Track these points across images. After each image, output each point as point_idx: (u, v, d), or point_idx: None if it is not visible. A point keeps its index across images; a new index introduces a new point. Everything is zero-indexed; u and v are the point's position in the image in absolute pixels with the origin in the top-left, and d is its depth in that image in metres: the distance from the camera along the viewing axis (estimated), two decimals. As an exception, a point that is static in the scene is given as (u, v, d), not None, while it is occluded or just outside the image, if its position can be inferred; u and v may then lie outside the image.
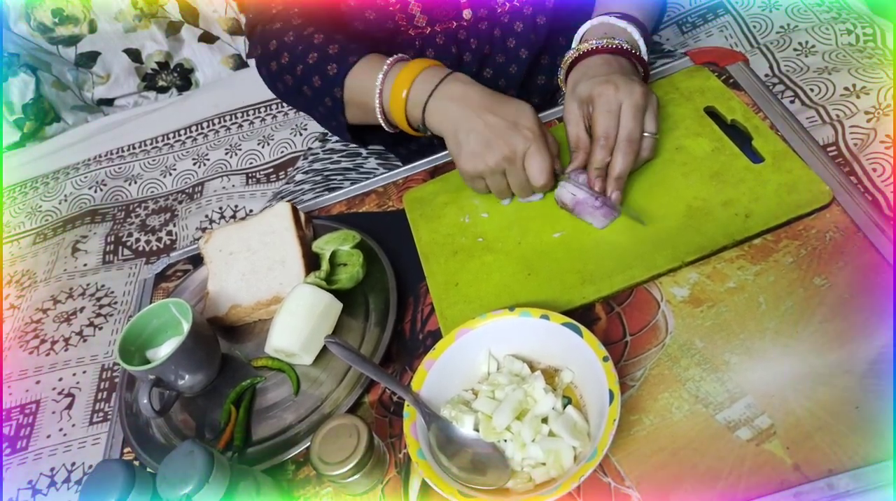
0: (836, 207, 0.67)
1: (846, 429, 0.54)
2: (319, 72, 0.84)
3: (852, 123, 1.07)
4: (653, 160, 0.75)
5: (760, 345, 0.60)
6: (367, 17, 0.90)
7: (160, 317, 0.73)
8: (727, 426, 0.56)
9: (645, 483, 0.55)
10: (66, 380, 1.28)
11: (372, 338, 0.72)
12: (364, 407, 0.68)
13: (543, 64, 0.99)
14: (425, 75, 0.76)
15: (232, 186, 1.63)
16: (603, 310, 0.67)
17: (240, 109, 1.81)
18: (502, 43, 0.94)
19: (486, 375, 0.63)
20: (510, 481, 0.56)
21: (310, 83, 0.85)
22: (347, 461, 0.58)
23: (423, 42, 0.93)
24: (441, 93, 0.74)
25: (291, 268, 0.78)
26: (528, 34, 0.94)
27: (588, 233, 0.72)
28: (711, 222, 0.68)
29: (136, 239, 1.57)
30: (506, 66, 0.97)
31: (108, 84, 1.92)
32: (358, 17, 0.90)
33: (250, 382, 0.73)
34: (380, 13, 0.89)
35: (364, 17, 0.90)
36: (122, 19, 1.82)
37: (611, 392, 0.55)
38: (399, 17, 0.89)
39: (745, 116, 0.76)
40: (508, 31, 0.93)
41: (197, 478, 0.53)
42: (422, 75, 0.76)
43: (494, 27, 0.93)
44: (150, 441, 0.72)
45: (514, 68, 0.97)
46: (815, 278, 0.62)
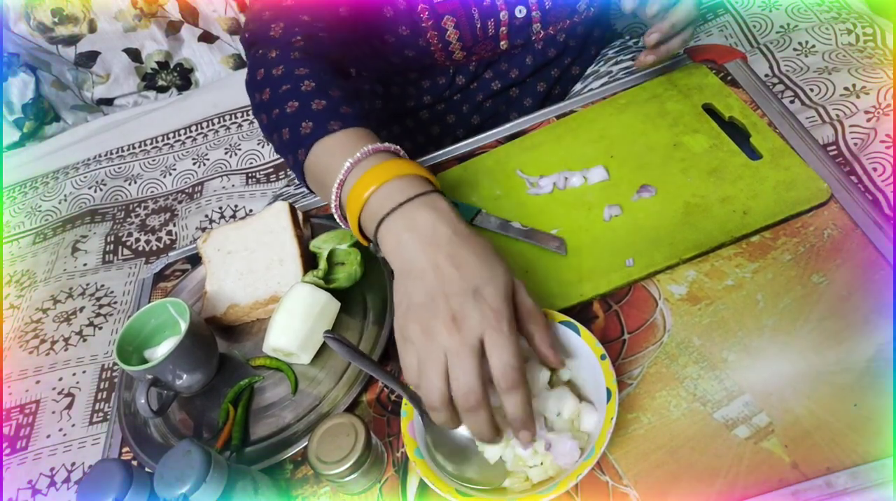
0: (834, 204, 0.66)
1: (844, 427, 0.53)
2: (291, 125, 0.69)
3: (852, 123, 1.07)
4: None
5: (758, 343, 0.60)
6: (406, 55, 0.89)
7: (158, 317, 0.73)
8: (725, 424, 0.56)
9: (643, 482, 0.55)
10: (66, 380, 1.28)
11: (370, 337, 0.72)
12: (362, 406, 0.68)
13: (575, 75, 1.01)
14: (399, 184, 0.60)
15: (232, 186, 1.63)
16: (601, 308, 0.67)
17: (240, 109, 1.81)
18: (532, 68, 0.95)
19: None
20: (507, 480, 0.56)
21: (279, 133, 0.71)
22: (345, 460, 0.58)
23: (456, 69, 0.94)
24: (403, 214, 0.58)
25: (289, 268, 0.78)
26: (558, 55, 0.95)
27: (585, 230, 0.72)
28: (709, 219, 0.68)
29: (136, 238, 1.57)
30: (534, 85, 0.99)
31: (107, 84, 1.92)
32: (396, 53, 0.89)
33: (248, 381, 0.73)
34: (420, 51, 0.88)
35: (403, 55, 0.89)
36: (121, 19, 1.82)
37: (608, 390, 0.55)
38: (438, 55, 0.89)
39: (744, 113, 0.76)
40: (541, 57, 0.94)
41: (194, 478, 0.53)
42: (395, 182, 0.60)
43: (527, 55, 0.93)
44: (148, 441, 0.72)
45: (542, 86, 0.99)
46: (814, 276, 0.62)
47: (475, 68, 0.93)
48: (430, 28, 0.85)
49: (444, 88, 0.95)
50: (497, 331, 0.52)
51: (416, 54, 0.88)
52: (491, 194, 0.79)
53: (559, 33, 0.92)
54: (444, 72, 0.93)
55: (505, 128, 0.89)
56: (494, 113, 1.01)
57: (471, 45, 0.89)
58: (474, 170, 0.83)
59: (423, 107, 0.99)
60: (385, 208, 0.59)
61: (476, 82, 0.96)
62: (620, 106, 0.83)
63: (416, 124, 1.02)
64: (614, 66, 0.97)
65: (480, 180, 0.81)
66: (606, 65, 0.99)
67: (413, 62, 0.90)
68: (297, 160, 0.69)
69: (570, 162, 0.79)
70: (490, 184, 0.81)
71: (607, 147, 0.79)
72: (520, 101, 1.00)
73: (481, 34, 0.87)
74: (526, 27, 0.89)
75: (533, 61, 0.94)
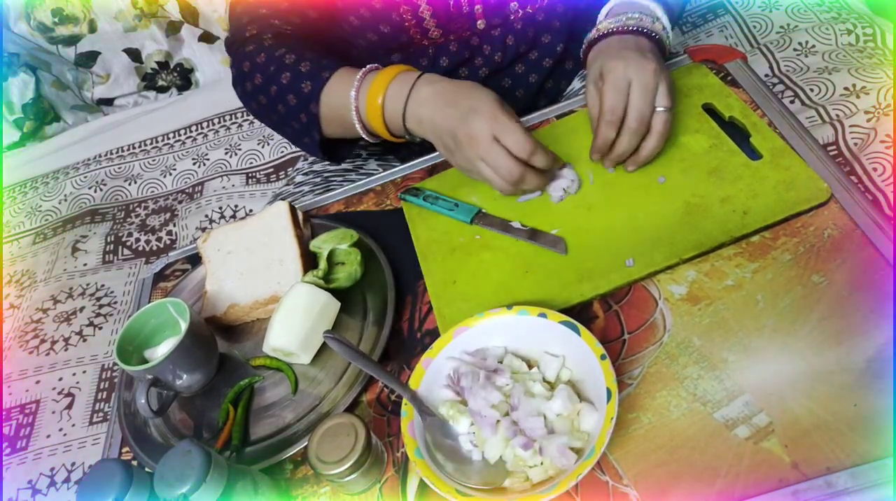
0: (834, 204, 0.66)
1: (844, 427, 0.53)
2: (293, 90, 0.84)
3: (852, 123, 1.07)
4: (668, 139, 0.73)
5: (758, 343, 0.60)
6: (381, 31, 0.90)
7: (158, 317, 0.73)
8: (725, 424, 0.56)
9: (643, 482, 0.55)
10: (66, 380, 1.28)
11: (370, 337, 0.72)
12: (362, 406, 0.68)
13: (568, 69, 1.00)
14: (397, 83, 0.76)
15: (232, 186, 1.63)
16: (601, 308, 0.67)
17: (240, 109, 1.81)
18: (515, 49, 0.95)
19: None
20: (507, 480, 0.56)
21: (285, 102, 0.85)
22: (345, 460, 0.58)
23: (437, 50, 0.93)
24: (414, 100, 0.75)
25: (289, 268, 0.78)
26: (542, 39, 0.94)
27: (585, 230, 0.72)
28: (709, 219, 0.68)
29: (136, 238, 1.57)
30: (525, 76, 0.98)
31: (107, 84, 1.93)
32: (372, 29, 0.90)
33: (248, 381, 0.73)
34: (395, 27, 0.89)
35: (378, 30, 0.90)
36: (121, 19, 1.83)
37: (608, 390, 0.55)
38: (413, 31, 0.90)
39: (743, 113, 0.76)
40: (521, 37, 0.94)
41: (194, 478, 0.53)
42: (394, 83, 0.77)
43: (507, 35, 0.93)
44: (148, 441, 0.72)
45: (533, 77, 0.98)
46: (814, 275, 0.62)
47: (456, 49, 0.93)
48: (402, 2, 0.86)
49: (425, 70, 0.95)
50: (501, 125, 0.69)
51: (391, 30, 0.90)
52: (491, 194, 0.79)
53: (538, 12, 0.92)
54: (424, 52, 0.94)
55: (505, 128, 0.89)
56: None
57: (445, 22, 0.89)
58: (474, 170, 0.83)
59: None
60: (400, 102, 0.76)
61: (464, 68, 0.95)
62: (620, 106, 0.83)
63: None
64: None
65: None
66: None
67: (390, 40, 0.91)
68: (310, 115, 0.84)
69: (571, 161, 0.79)
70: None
71: (607, 147, 0.79)
72: (511, 92, 0.99)
73: (455, 10, 0.88)
74: (503, 5, 0.89)
75: (514, 41, 0.94)
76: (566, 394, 0.57)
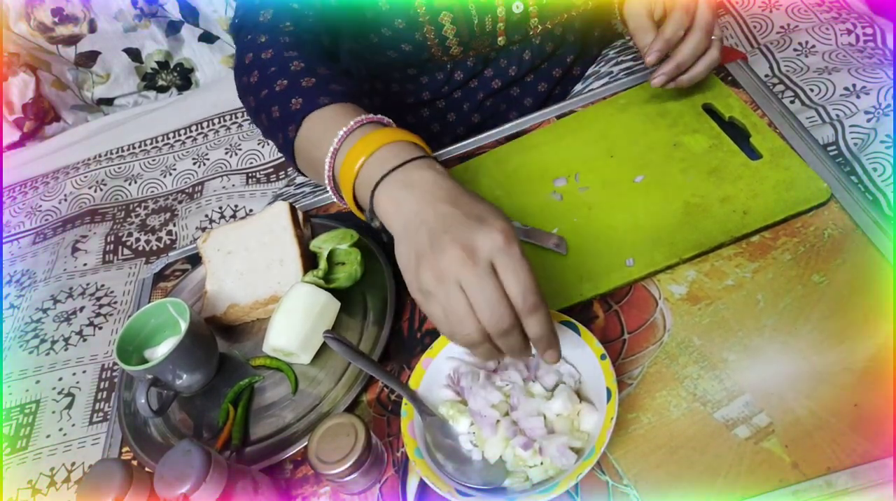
0: (834, 204, 0.67)
1: (845, 427, 0.53)
2: (281, 102, 0.69)
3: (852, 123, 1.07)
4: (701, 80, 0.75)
5: (759, 343, 0.60)
6: (403, 49, 0.89)
7: (158, 317, 0.73)
8: (725, 424, 0.56)
9: (643, 482, 0.55)
10: (66, 380, 1.28)
11: (370, 337, 0.72)
12: (362, 406, 0.68)
13: (576, 75, 1.00)
14: (393, 149, 0.59)
15: (232, 186, 1.63)
16: (601, 308, 0.67)
17: (240, 109, 1.81)
18: (531, 63, 0.95)
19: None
20: (507, 480, 0.56)
21: (268, 112, 0.70)
22: (345, 460, 0.58)
23: (454, 65, 0.93)
24: (400, 176, 0.56)
25: (289, 268, 0.78)
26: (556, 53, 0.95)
27: (585, 230, 0.72)
28: (709, 219, 0.68)
29: (136, 238, 1.57)
30: (534, 85, 0.98)
31: (107, 83, 1.92)
32: (392, 47, 0.89)
33: (248, 381, 0.73)
34: (417, 46, 0.88)
35: (400, 49, 0.89)
36: (121, 19, 1.82)
37: (608, 390, 0.55)
38: (435, 50, 0.89)
39: (743, 113, 0.76)
40: (538, 52, 0.94)
41: (194, 477, 0.53)
42: (388, 147, 0.59)
43: (525, 51, 0.93)
44: (148, 441, 0.72)
45: (543, 86, 0.99)
46: (814, 275, 0.62)
47: (473, 64, 0.93)
48: (426, 23, 0.85)
49: (441, 84, 0.95)
50: (508, 254, 0.50)
51: (413, 49, 0.89)
52: (491, 194, 0.79)
53: (556, 27, 0.92)
54: (441, 67, 0.93)
55: (505, 128, 0.89)
56: (495, 112, 1.01)
57: (468, 41, 0.89)
58: (474, 170, 0.83)
59: (422, 104, 0.99)
60: (380, 172, 0.57)
61: (476, 80, 0.95)
62: (621, 106, 0.83)
63: (417, 121, 1.02)
64: (615, 67, 0.97)
65: (480, 180, 0.81)
66: (607, 65, 0.99)
67: (410, 57, 0.90)
68: (286, 137, 0.68)
69: (571, 162, 0.79)
70: (490, 184, 0.81)
71: (608, 147, 0.79)
72: (520, 101, 1.00)
73: (478, 30, 0.87)
74: (523, 22, 0.89)
75: (531, 56, 0.94)
76: (566, 394, 0.57)
